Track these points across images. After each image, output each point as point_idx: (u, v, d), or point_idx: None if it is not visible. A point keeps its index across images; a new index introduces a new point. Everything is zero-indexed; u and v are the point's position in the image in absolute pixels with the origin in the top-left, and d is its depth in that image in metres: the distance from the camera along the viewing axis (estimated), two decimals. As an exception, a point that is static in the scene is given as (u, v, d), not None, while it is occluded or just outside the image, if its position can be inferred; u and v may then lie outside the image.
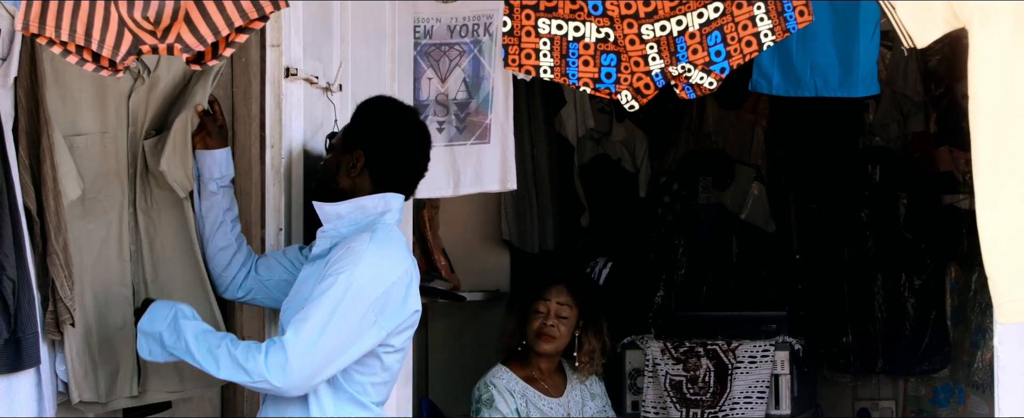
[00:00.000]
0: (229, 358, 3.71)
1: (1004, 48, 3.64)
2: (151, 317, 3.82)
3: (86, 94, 3.94)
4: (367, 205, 3.94)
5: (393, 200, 3.97)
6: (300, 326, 3.71)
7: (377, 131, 4.00)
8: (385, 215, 3.94)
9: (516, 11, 4.70)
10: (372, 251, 3.78)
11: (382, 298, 3.77)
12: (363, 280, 3.75)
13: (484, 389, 5.55)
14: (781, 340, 6.26)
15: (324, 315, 3.71)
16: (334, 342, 3.72)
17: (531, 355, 5.63)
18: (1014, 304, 3.66)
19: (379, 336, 3.80)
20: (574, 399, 5.67)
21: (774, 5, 4.49)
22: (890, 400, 7.58)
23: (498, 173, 5.13)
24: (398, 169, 4.01)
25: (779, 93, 5.16)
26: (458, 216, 6.82)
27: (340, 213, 3.95)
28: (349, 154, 3.97)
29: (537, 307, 5.63)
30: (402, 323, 3.85)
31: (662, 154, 7.60)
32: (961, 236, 7.16)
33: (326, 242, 3.94)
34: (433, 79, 5.14)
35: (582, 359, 5.69)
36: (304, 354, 3.68)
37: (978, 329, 7.14)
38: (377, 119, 4.03)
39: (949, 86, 7.19)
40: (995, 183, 3.66)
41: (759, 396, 6.16)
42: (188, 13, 3.32)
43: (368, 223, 3.91)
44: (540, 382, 5.63)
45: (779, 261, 7.39)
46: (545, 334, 5.59)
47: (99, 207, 3.99)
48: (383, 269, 3.79)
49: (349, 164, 3.96)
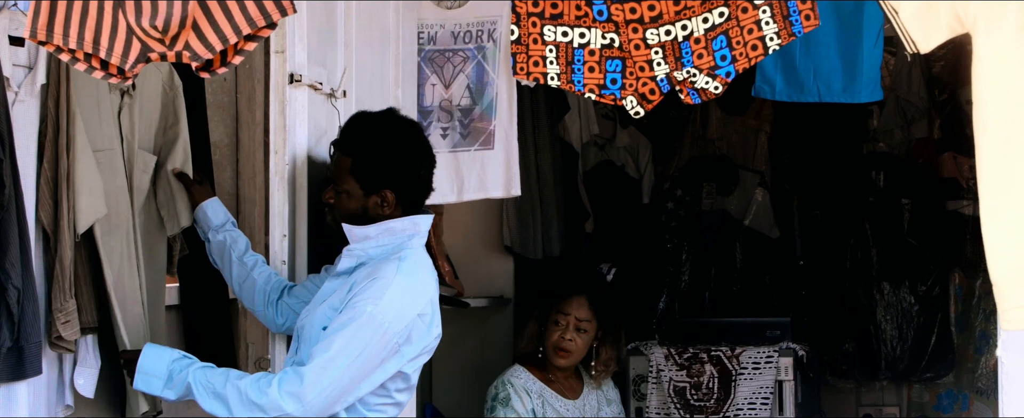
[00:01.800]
0: (238, 396, 3.68)
1: (1008, 53, 3.64)
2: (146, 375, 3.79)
3: (92, 111, 3.95)
4: (396, 228, 3.92)
5: (423, 222, 3.95)
6: (319, 356, 3.69)
7: (400, 167, 3.93)
8: (414, 238, 3.92)
9: (523, 19, 4.70)
10: (399, 283, 3.78)
11: (405, 330, 3.78)
12: (388, 314, 3.74)
13: (501, 388, 5.56)
14: (785, 346, 6.26)
15: (345, 347, 3.70)
16: (352, 374, 3.71)
17: (548, 362, 5.66)
18: (1018, 310, 3.65)
19: (399, 364, 3.80)
20: (590, 402, 5.70)
21: (780, 9, 4.49)
22: (894, 406, 7.57)
23: (502, 179, 5.13)
24: (424, 188, 4.00)
25: (782, 99, 5.16)
26: (462, 222, 6.82)
27: (368, 235, 3.92)
28: (375, 195, 3.91)
29: (557, 319, 5.64)
30: (424, 349, 3.88)
31: (666, 160, 7.60)
32: (965, 242, 7.15)
33: (352, 261, 3.92)
34: (437, 85, 5.14)
35: (598, 368, 5.72)
36: (320, 384, 3.67)
37: (982, 335, 7.13)
38: (393, 155, 3.93)
39: (953, 92, 7.19)
40: (999, 189, 3.65)
41: (763, 402, 6.16)
42: (196, 21, 3.32)
43: (398, 245, 3.90)
44: (557, 384, 5.66)
45: (783, 267, 7.38)
46: (562, 349, 5.62)
47: (117, 222, 4.00)
48: (408, 301, 3.79)
49: (378, 204, 3.91)
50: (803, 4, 4.51)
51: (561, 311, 5.65)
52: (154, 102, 4.21)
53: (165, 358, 3.77)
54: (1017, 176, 3.63)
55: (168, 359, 3.77)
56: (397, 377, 3.86)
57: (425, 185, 3.99)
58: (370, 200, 3.91)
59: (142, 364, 3.77)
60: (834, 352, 7.28)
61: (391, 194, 3.90)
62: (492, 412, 5.53)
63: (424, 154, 3.99)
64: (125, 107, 4.07)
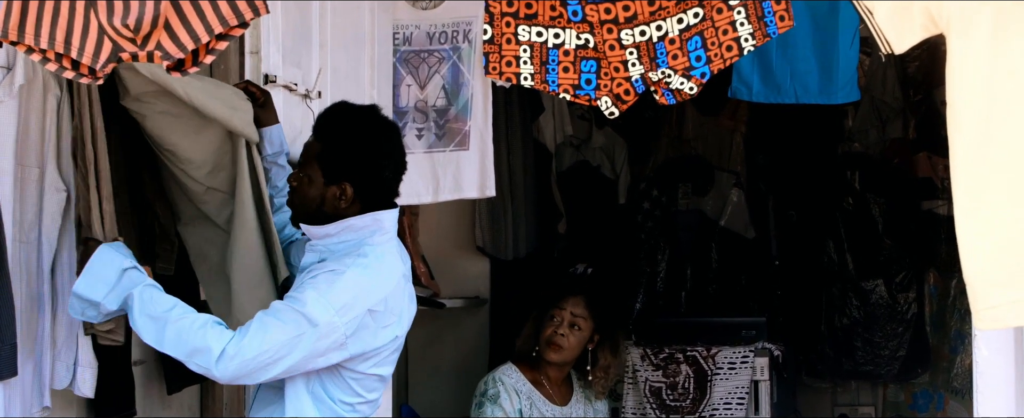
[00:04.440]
0: (175, 329, 3.63)
1: (982, 54, 3.64)
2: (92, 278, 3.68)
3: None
4: (356, 225, 3.86)
5: (386, 218, 3.90)
6: (261, 324, 3.67)
7: (365, 162, 3.88)
8: (376, 235, 3.87)
9: (496, 19, 4.70)
10: (351, 276, 3.74)
11: (352, 324, 3.72)
12: (340, 301, 3.70)
13: (491, 384, 5.57)
14: (760, 346, 6.27)
15: (289, 322, 3.66)
16: (279, 352, 3.65)
17: (541, 361, 5.67)
18: (992, 310, 3.66)
19: (343, 356, 3.75)
20: (577, 411, 5.71)
21: (754, 10, 4.50)
22: (869, 405, 7.59)
23: (477, 180, 5.13)
24: (387, 190, 3.95)
25: (759, 100, 5.17)
26: (438, 223, 6.82)
27: (329, 233, 3.88)
28: (335, 185, 3.86)
29: (553, 314, 5.67)
30: (375, 350, 3.80)
31: (642, 160, 7.61)
32: (940, 242, 7.17)
33: (315, 256, 3.89)
34: (412, 86, 5.14)
35: (597, 374, 5.73)
36: (252, 351, 3.62)
37: (957, 335, 7.15)
38: (361, 148, 3.89)
39: (928, 92, 7.21)
40: (974, 189, 3.66)
41: (739, 402, 6.17)
42: (168, 20, 3.30)
43: (359, 242, 3.85)
44: (546, 387, 5.66)
45: (758, 267, 7.39)
46: (554, 343, 5.63)
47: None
48: (359, 295, 3.74)
49: (336, 196, 3.86)
50: (777, 5, 4.51)
51: (558, 307, 5.68)
52: None
53: (117, 264, 3.69)
54: (991, 176, 3.63)
55: (119, 266, 3.69)
56: (371, 378, 3.84)
57: (388, 187, 3.94)
58: (329, 190, 3.86)
59: (92, 265, 3.68)
60: (809, 352, 7.30)
61: (350, 188, 3.85)
62: (480, 408, 5.54)
63: (393, 156, 3.94)
64: None
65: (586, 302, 5.69)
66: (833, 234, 7.32)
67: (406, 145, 4.07)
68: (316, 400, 3.80)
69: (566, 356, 5.67)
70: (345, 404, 3.82)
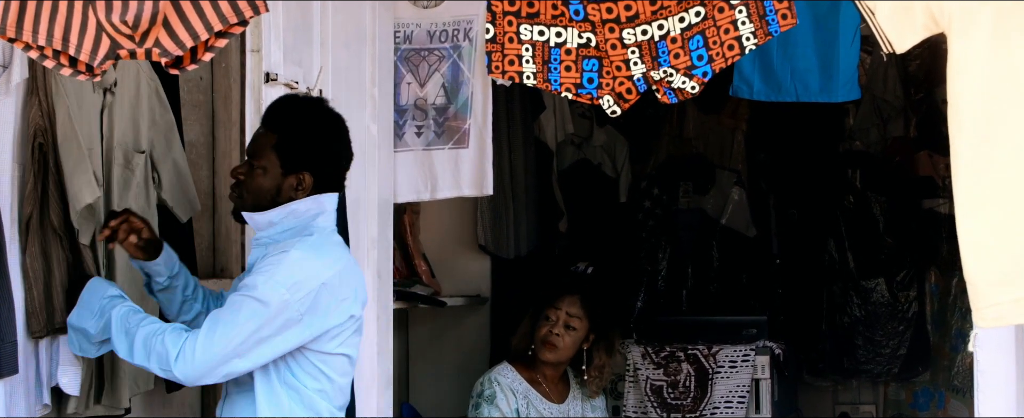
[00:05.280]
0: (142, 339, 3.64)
1: (983, 53, 3.64)
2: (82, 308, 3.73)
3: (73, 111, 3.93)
4: (300, 209, 3.83)
5: (327, 201, 3.88)
6: (214, 319, 3.65)
7: (323, 151, 3.88)
8: (319, 217, 3.85)
9: (498, 17, 4.70)
10: (298, 254, 3.72)
11: (308, 299, 3.69)
12: (286, 282, 3.67)
13: (488, 384, 5.57)
14: (761, 345, 6.27)
15: (236, 314, 3.64)
16: (241, 340, 3.63)
17: (537, 360, 5.66)
18: (993, 308, 3.66)
19: (304, 335, 3.71)
20: (574, 409, 5.70)
21: (756, 9, 4.50)
22: (870, 404, 7.59)
23: (476, 178, 5.13)
24: (340, 177, 3.95)
25: (760, 98, 5.17)
26: (439, 221, 6.81)
27: (272, 221, 3.83)
28: (293, 175, 3.83)
29: (548, 314, 5.66)
30: (336, 327, 3.77)
31: (643, 159, 7.61)
32: (941, 240, 7.17)
33: (261, 250, 3.85)
34: (412, 84, 5.14)
35: (592, 374, 5.72)
36: (208, 346, 3.61)
37: (958, 333, 7.14)
38: (320, 138, 3.88)
39: (929, 91, 7.21)
40: (974, 187, 3.66)
41: (740, 401, 6.17)
42: (166, 17, 3.30)
43: (302, 227, 3.83)
44: (543, 386, 5.66)
45: (759, 266, 7.39)
46: (549, 343, 5.62)
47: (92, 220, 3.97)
48: (310, 271, 3.71)
49: (293, 186, 3.84)
50: (780, 3, 4.51)
51: (553, 306, 5.67)
52: (138, 97, 4.19)
53: (101, 292, 3.73)
54: (992, 174, 3.64)
55: (103, 293, 3.72)
56: (337, 358, 3.80)
57: (341, 177, 3.94)
58: (287, 180, 3.84)
59: (83, 296, 3.75)
60: (811, 350, 7.30)
61: (309, 177, 3.83)
62: (477, 409, 5.53)
63: (348, 146, 3.95)
64: (107, 106, 4.05)
65: (581, 302, 5.68)
66: (834, 233, 7.31)
67: (405, 143, 4.08)
68: (287, 388, 3.76)
69: (561, 356, 5.66)
70: (317, 390, 3.78)
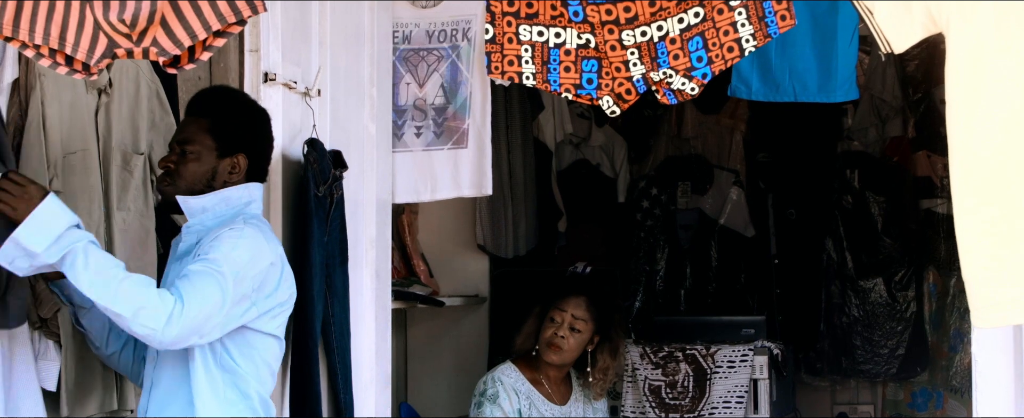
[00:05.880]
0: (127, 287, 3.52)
1: (981, 53, 3.65)
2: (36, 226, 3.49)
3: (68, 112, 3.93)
4: (232, 197, 3.86)
5: (256, 190, 3.92)
6: (186, 286, 3.59)
7: (256, 133, 3.94)
8: (250, 205, 3.89)
9: (498, 18, 4.70)
10: (248, 233, 3.74)
11: (259, 277, 3.71)
12: (243, 257, 3.68)
13: (491, 384, 5.56)
14: (760, 345, 6.27)
15: (208, 278, 3.61)
16: (215, 304, 3.61)
17: (540, 361, 5.66)
18: (991, 308, 3.66)
19: (251, 314, 3.72)
20: (576, 410, 5.70)
21: (755, 10, 4.50)
22: (869, 404, 7.60)
23: (475, 178, 5.13)
24: (266, 166, 4.00)
25: (758, 99, 5.17)
26: (437, 221, 6.82)
27: (205, 207, 3.85)
28: (229, 158, 3.86)
29: (553, 316, 5.65)
30: (277, 306, 3.79)
31: (641, 159, 7.61)
32: (939, 240, 7.18)
33: (193, 237, 3.84)
34: (411, 84, 5.14)
35: (596, 376, 5.71)
36: (189, 311, 3.55)
37: (956, 333, 7.15)
38: (252, 120, 3.94)
39: (927, 91, 7.21)
40: (972, 187, 3.67)
41: (738, 401, 6.17)
42: (164, 16, 3.30)
43: (234, 215, 3.84)
44: (545, 387, 5.65)
45: (758, 266, 7.40)
46: (554, 345, 5.61)
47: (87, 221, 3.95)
48: (259, 250, 3.73)
49: (228, 169, 3.87)
50: (779, 5, 4.51)
51: (558, 308, 5.65)
52: (137, 99, 4.19)
53: (64, 218, 3.51)
54: (990, 175, 3.64)
55: (67, 221, 3.52)
56: (270, 339, 3.80)
57: (267, 166, 4.00)
58: (222, 163, 3.86)
59: (39, 214, 3.49)
60: (809, 350, 7.30)
61: (244, 160, 3.87)
62: (479, 408, 5.53)
63: (272, 137, 4.03)
64: (102, 106, 4.05)
65: (587, 304, 5.67)
66: (832, 232, 7.32)
67: (404, 143, 4.08)
68: (222, 370, 3.73)
69: (565, 358, 5.66)
70: (251, 372, 3.77)
